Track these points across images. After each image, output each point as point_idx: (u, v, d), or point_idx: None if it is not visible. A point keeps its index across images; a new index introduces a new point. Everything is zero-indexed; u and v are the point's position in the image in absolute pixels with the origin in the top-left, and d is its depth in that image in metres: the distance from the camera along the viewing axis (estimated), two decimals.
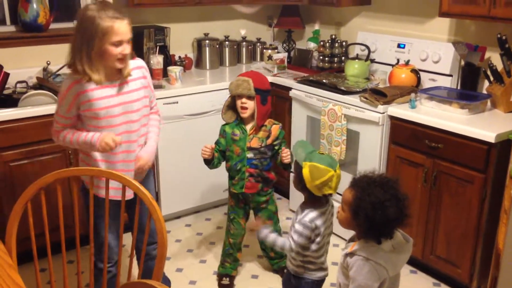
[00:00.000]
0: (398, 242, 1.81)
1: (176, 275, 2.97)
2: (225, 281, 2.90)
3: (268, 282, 2.94)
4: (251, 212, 2.89)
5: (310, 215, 2.13)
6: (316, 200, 2.17)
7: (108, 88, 2.13)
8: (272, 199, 2.82)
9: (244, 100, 2.59)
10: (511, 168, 1.06)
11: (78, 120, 2.19)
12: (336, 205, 2.02)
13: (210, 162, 2.68)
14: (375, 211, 1.69)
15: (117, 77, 2.15)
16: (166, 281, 2.72)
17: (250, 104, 2.60)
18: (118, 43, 2.02)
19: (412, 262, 3.00)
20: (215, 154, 2.69)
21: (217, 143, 2.72)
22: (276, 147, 2.68)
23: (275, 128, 2.67)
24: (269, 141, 2.66)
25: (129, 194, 2.13)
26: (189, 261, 3.14)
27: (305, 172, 2.08)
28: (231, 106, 2.70)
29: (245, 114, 2.62)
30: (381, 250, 1.76)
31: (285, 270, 2.40)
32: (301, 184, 2.14)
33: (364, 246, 1.78)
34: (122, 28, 2.01)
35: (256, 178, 2.69)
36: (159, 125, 2.45)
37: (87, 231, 1.89)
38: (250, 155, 2.65)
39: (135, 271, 2.71)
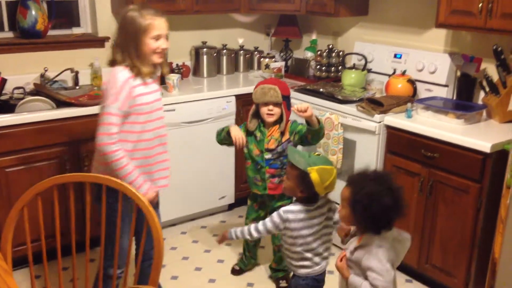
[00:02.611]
0: (395, 235, 1.88)
1: (171, 283, 2.95)
2: (237, 266, 3.10)
3: None
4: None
5: (290, 207, 2.21)
6: (307, 199, 2.22)
7: (149, 85, 2.27)
8: None
9: (271, 107, 2.67)
10: (508, 178, 1.07)
11: None
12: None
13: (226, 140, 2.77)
14: (371, 202, 1.77)
15: (153, 75, 2.31)
16: None
17: (277, 111, 2.68)
18: (157, 37, 2.19)
19: (408, 271, 3.00)
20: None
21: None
22: (296, 139, 2.70)
23: (287, 125, 2.72)
24: (284, 138, 2.71)
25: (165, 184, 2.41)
26: (185, 268, 3.13)
27: (315, 176, 2.12)
28: (256, 114, 2.75)
29: (272, 119, 2.70)
30: (385, 238, 1.83)
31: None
32: (307, 188, 2.16)
33: (371, 237, 1.84)
34: (161, 23, 2.20)
35: (279, 178, 2.73)
36: None
37: (83, 237, 1.89)
38: (268, 156, 2.72)
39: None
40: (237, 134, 2.70)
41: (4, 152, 2.78)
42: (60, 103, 3.03)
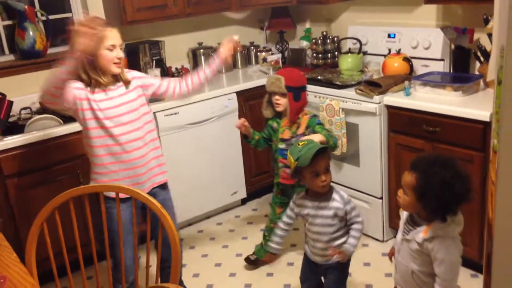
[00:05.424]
0: (452, 217, 1.84)
1: (193, 281, 3.03)
2: (252, 256, 3.13)
3: None
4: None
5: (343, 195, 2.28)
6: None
7: (110, 91, 2.31)
8: None
9: (277, 97, 2.75)
10: (494, 144, 1.13)
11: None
12: None
13: (247, 138, 2.85)
14: (443, 190, 1.73)
15: (114, 85, 2.34)
16: None
17: (283, 101, 2.74)
18: (112, 47, 2.24)
19: None
20: (256, 136, 2.85)
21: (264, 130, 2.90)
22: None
23: (305, 118, 2.76)
24: (300, 131, 2.75)
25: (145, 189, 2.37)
26: (205, 265, 3.21)
27: (289, 157, 2.24)
28: (270, 102, 2.83)
29: (279, 108, 2.77)
30: (452, 226, 1.81)
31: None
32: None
33: (440, 227, 1.80)
34: (113, 34, 2.26)
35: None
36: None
37: (103, 247, 1.96)
38: (282, 146, 2.78)
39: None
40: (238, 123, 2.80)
41: (18, 172, 2.86)
42: (67, 119, 3.10)
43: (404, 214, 1.97)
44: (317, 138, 2.50)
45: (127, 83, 2.37)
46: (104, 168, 2.36)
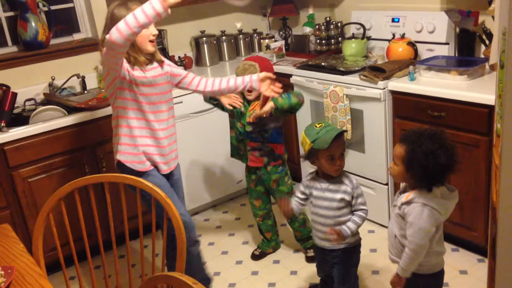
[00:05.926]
0: (443, 191, 1.94)
1: None
2: (256, 251, 3.15)
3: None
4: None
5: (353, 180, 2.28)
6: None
7: (147, 71, 2.37)
8: (284, 180, 2.88)
9: None
10: (497, 128, 1.12)
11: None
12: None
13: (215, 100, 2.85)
14: (428, 161, 1.83)
15: (150, 65, 2.41)
16: (206, 280, 2.76)
17: None
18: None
19: None
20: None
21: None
22: (278, 112, 2.69)
23: (268, 101, 2.72)
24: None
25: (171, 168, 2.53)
26: (212, 253, 3.23)
27: (302, 137, 2.24)
28: None
29: (251, 97, 2.76)
30: (435, 196, 1.90)
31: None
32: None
33: (420, 194, 1.91)
34: None
35: (260, 152, 2.81)
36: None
37: (109, 236, 1.98)
38: (249, 129, 2.78)
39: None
40: (230, 101, 2.80)
41: (24, 163, 2.88)
42: (71, 109, 3.12)
43: (402, 186, 2.07)
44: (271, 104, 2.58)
45: (161, 63, 2.44)
46: (134, 141, 2.42)
